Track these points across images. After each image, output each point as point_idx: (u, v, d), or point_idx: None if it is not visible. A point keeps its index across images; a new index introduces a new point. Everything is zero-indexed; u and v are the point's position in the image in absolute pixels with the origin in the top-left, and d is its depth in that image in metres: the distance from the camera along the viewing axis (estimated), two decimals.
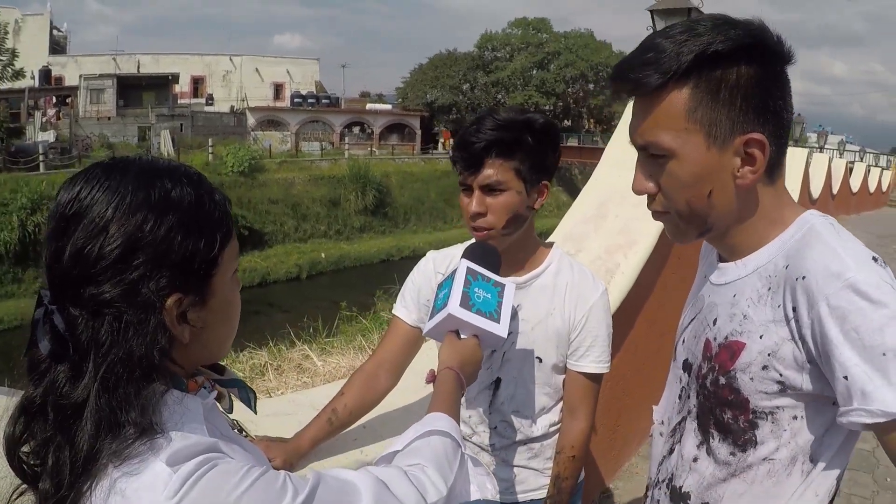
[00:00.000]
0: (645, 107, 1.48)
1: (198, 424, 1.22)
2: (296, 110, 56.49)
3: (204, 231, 1.19)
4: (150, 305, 1.14)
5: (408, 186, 47.85)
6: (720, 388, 1.56)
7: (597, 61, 64.74)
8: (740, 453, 1.55)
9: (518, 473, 2.47)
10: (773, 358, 1.45)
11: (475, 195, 2.21)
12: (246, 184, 39.89)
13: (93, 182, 1.16)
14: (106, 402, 1.11)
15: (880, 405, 1.27)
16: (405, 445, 1.53)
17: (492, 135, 2.16)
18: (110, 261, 1.12)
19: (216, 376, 1.42)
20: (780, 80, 1.45)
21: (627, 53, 1.55)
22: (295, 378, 5.10)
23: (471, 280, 1.94)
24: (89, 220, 1.13)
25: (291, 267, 37.94)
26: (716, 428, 1.60)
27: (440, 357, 1.90)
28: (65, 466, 1.12)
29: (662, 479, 1.81)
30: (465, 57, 68.06)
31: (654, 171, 1.52)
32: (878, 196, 28.33)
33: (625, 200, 4.53)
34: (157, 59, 62.13)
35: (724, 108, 1.41)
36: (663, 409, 1.87)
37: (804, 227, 1.49)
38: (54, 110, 46.26)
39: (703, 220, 1.53)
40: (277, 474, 1.19)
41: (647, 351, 5.01)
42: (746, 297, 1.53)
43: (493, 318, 1.91)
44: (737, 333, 1.53)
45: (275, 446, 2.30)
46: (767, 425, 1.50)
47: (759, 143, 1.43)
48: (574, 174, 58.49)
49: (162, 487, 1.07)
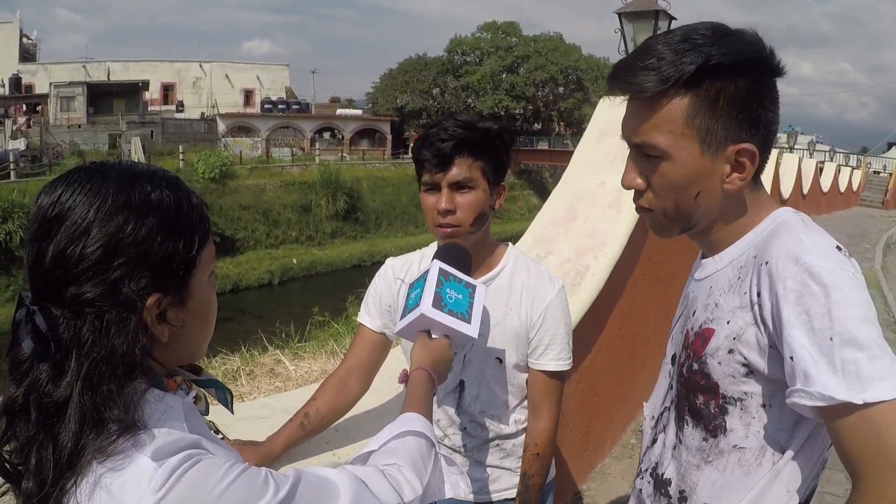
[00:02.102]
0: (643, 109, 1.53)
1: (179, 422, 1.23)
2: (266, 116, 56.29)
3: (183, 232, 1.21)
4: (130, 305, 1.16)
5: (379, 191, 47.82)
6: (693, 374, 1.61)
7: (566, 64, 65.05)
8: (711, 439, 1.59)
9: (491, 473, 2.49)
10: (737, 342, 1.50)
11: (444, 193, 2.23)
12: (217, 190, 39.68)
13: (74, 185, 1.18)
14: (89, 399, 1.12)
15: (820, 388, 1.29)
16: (381, 445, 1.56)
17: (461, 133, 2.20)
18: (92, 261, 1.14)
19: (193, 376, 1.44)
20: (772, 92, 1.51)
21: (596, 56, 1.58)
22: (267, 382, 5.10)
23: (443, 281, 1.96)
24: (71, 223, 1.15)
25: (263, 273, 37.76)
26: (690, 414, 1.65)
27: (412, 357, 1.93)
28: (48, 464, 1.13)
29: (646, 469, 1.84)
30: (435, 61, 68.16)
31: (645, 168, 1.58)
32: (849, 195, 28.62)
33: (594, 202, 4.56)
34: (126, 67, 61.61)
35: (722, 117, 1.46)
36: (653, 403, 1.91)
37: (776, 220, 1.55)
38: (24, 118, 45.94)
39: (688, 218, 1.59)
40: (259, 470, 1.21)
41: (619, 352, 5.05)
42: (720, 287, 1.59)
43: (464, 319, 1.94)
44: (709, 321, 1.59)
45: (247, 449, 2.31)
46: (736, 412, 1.54)
47: (750, 153, 1.49)
48: (544, 177, 58.76)
49: (147, 481, 1.09)
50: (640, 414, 5.76)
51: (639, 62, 1.48)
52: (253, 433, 2.51)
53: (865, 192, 34.03)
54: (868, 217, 25.76)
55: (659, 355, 1.91)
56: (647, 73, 1.46)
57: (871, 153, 52.05)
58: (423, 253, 2.55)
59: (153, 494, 1.08)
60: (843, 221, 23.05)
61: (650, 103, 1.50)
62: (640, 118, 1.54)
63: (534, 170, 61.45)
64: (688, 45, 1.44)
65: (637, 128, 1.55)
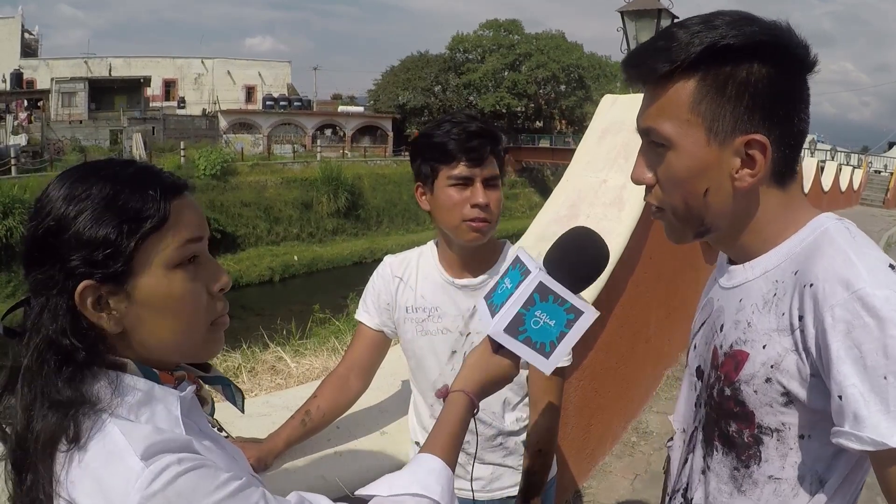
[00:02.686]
0: (652, 93, 1.45)
1: (170, 416, 1.26)
2: (268, 113, 56.19)
3: (113, 222, 1.22)
4: (62, 290, 1.21)
5: (380, 188, 47.84)
6: (725, 400, 1.49)
7: (568, 62, 64.94)
8: (744, 469, 1.48)
9: (493, 471, 2.50)
10: (776, 370, 1.37)
11: (479, 187, 2.25)
12: (218, 187, 39.72)
13: (57, 178, 1.29)
14: (32, 378, 1.20)
15: (871, 433, 1.18)
16: (390, 493, 1.43)
17: (489, 131, 2.27)
18: (36, 248, 1.23)
19: (200, 373, 1.45)
20: (796, 85, 1.39)
21: (598, 54, 1.55)
22: (269, 380, 5.09)
23: (536, 299, 1.55)
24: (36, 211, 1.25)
25: (264, 270, 37.81)
26: (720, 440, 1.54)
27: (464, 363, 1.69)
28: (14, 437, 1.22)
29: (678, 489, 1.73)
30: (437, 59, 68.06)
31: (653, 160, 1.48)
32: (850, 194, 28.57)
33: (596, 201, 4.56)
34: (128, 63, 61.54)
35: (730, 104, 1.36)
36: (682, 416, 1.80)
37: (817, 230, 1.41)
38: (26, 114, 45.84)
39: (700, 219, 1.47)
40: (256, 490, 1.21)
41: (620, 350, 5.05)
42: (752, 302, 1.46)
43: (542, 351, 1.58)
44: (741, 342, 1.46)
45: (249, 446, 2.32)
46: (773, 442, 1.42)
47: (761, 146, 1.36)
48: (546, 175, 58.71)
49: (134, 479, 1.09)
50: (642, 412, 5.77)
51: (653, 45, 1.42)
52: (255, 430, 2.52)
53: (866, 192, 33.93)
54: (869, 216, 25.68)
55: (660, 354, 1.91)
56: (656, 54, 1.39)
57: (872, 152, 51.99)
58: (422, 251, 2.56)
59: (138, 493, 1.08)
60: None
61: (658, 87, 1.42)
62: (648, 103, 1.46)
63: (535, 168, 61.41)
64: (703, 28, 1.36)
65: (646, 113, 1.46)
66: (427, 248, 2.55)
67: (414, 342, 2.48)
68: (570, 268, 1.58)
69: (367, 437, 2.78)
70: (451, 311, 2.43)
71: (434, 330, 2.44)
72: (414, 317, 2.47)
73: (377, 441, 2.77)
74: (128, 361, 1.27)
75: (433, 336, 2.45)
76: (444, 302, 2.44)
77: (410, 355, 2.54)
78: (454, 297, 2.43)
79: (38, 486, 1.16)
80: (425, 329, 2.45)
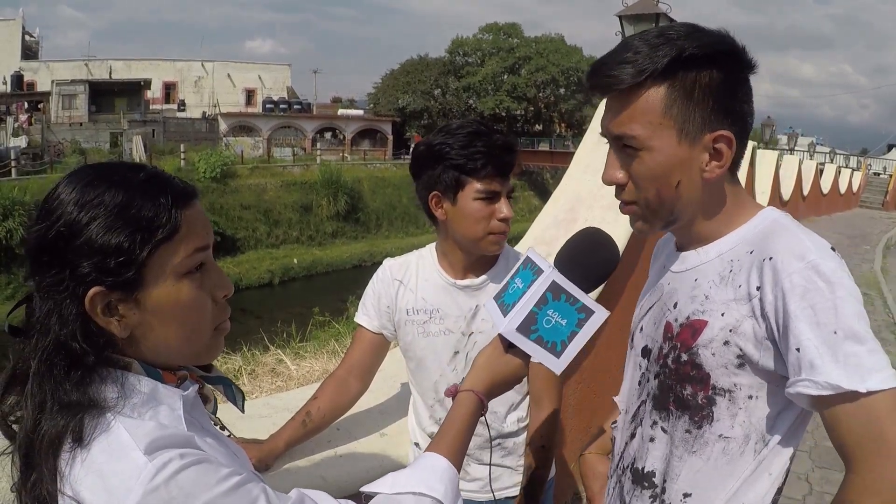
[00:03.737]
0: (620, 102, 1.56)
1: (173, 414, 1.28)
2: (267, 116, 56.28)
3: (125, 231, 1.22)
4: (73, 294, 1.22)
5: (380, 192, 47.84)
6: (682, 365, 1.63)
7: (567, 66, 64.96)
8: (696, 430, 1.62)
9: (492, 472, 2.51)
10: (733, 333, 1.53)
11: (504, 202, 2.33)
12: (218, 189, 39.72)
13: (66, 180, 1.28)
14: (41, 378, 1.22)
15: (825, 377, 1.35)
16: (393, 491, 1.43)
17: (513, 144, 2.33)
18: (46, 252, 1.23)
19: (202, 373, 1.47)
20: (745, 85, 1.57)
21: (598, 57, 1.62)
22: (269, 382, 5.11)
23: (549, 298, 1.56)
24: (49, 214, 1.24)
25: (264, 273, 37.84)
26: (674, 405, 1.66)
27: (474, 363, 1.68)
28: (23, 436, 1.23)
29: (627, 465, 1.84)
30: (437, 62, 68.06)
31: (624, 161, 1.60)
32: (849, 197, 28.60)
33: (595, 204, 4.57)
34: (129, 65, 61.61)
35: (698, 107, 1.51)
36: (626, 397, 1.92)
37: (766, 219, 1.61)
38: (26, 115, 45.88)
39: (670, 210, 1.61)
40: (256, 485, 1.22)
41: (618, 351, 5.04)
42: (708, 280, 1.62)
43: (553, 351, 1.60)
44: (699, 313, 1.61)
45: (250, 447, 2.33)
46: (724, 402, 1.58)
47: (727, 140, 1.53)
48: (545, 178, 58.67)
49: (137, 474, 1.11)
50: None
51: (615, 58, 1.54)
52: (255, 431, 2.54)
53: (865, 194, 34.00)
54: (868, 219, 25.74)
55: None
56: (623, 66, 1.51)
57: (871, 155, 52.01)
58: (421, 254, 2.58)
59: (141, 487, 1.10)
60: (844, 223, 23.03)
61: (627, 96, 1.54)
62: (618, 111, 1.57)
63: (535, 171, 61.34)
64: (662, 40, 1.50)
65: (616, 121, 1.58)
66: (426, 251, 2.57)
67: (415, 344, 2.50)
68: (582, 268, 1.62)
69: (366, 438, 2.79)
70: (453, 312, 2.45)
71: (436, 331, 2.46)
72: (415, 319, 2.49)
73: (376, 442, 2.79)
74: (133, 361, 1.29)
75: (435, 337, 2.46)
76: (445, 303, 2.46)
77: (411, 357, 2.55)
78: (456, 298, 2.45)
79: (42, 483, 1.19)
80: (427, 331, 2.47)
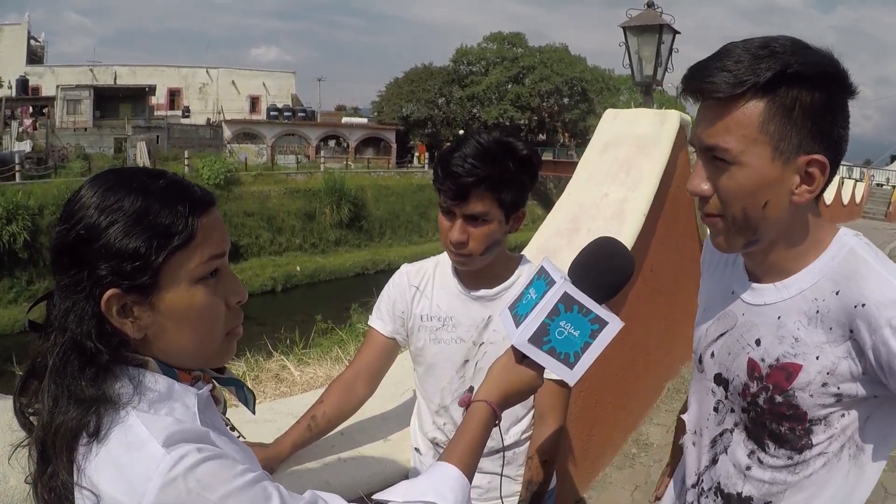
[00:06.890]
0: (716, 111, 1.52)
1: (188, 411, 1.32)
2: (272, 123, 56.15)
3: (143, 237, 1.26)
4: (89, 295, 1.26)
5: (383, 200, 47.78)
6: (776, 405, 1.64)
7: (571, 76, 64.81)
8: (797, 455, 1.66)
9: (491, 481, 2.50)
10: (831, 376, 1.55)
11: (458, 224, 2.23)
12: (221, 196, 39.63)
13: (89, 184, 1.32)
14: (57, 374, 1.26)
15: None
16: (405, 500, 1.47)
17: (481, 170, 2.16)
18: (66, 253, 1.27)
19: (214, 374, 1.51)
20: (845, 110, 1.52)
21: (601, 67, 1.60)
22: (273, 388, 5.13)
23: (561, 309, 1.55)
24: (71, 216, 1.28)
25: (267, 280, 37.82)
26: (770, 439, 1.69)
27: (488, 374, 1.68)
28: (41, 430, 1.28)
29: (709, 488, 1.86)
30: (441, 71, 67.92)
31: (712, 173, 1.57)
32: (852, 208, 28.50)
33: (598, 214, 4.59)
34: (133, 71, 61.64)
35: (796, 126, 1.47)
36: (695, 419, 1.93)
37: (843, 248, 1.58)
38: (31, 120, 45.85)
39: (754, 229, 1.58)
40: (270, 484, 1.26)
41: (621, 362, 5.07)
42: (794, 319, 1.61)
43: (566, 362, 1.58)
44: (790, 355, 1.61)
45: (255, 450, 2.33)
46: (821, 427, 1.61)
47: (821, 165, 1.50)
48: (549, 188, 58.55)
49: (155, 465, 1.15)
50: (642, 424, 5.78)
51: (716, 63, 1.50)
52: (260, 436, 2.55)
53: (868, 205, 33.80)
54: (871, 229, 25.59)
55: (660, 366, 1.95)
56: (723, 74, 1.47)
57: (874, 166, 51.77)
58: (438, 260, 2.58)
59: (160, 478, 1.14)
60: None
61: (724, 106, 1.50)
62: (712, 121, 1.53)
63: (538, 180, 61.03)
64: (767, 52, 1.46)
65: (710, 130, 1.54)
66: (443, 257, 2.55)
67: (426, 350, 2.51)
68: (596, 278, 1.61)
69: (370, 444, 2.82)
70: (465, 321, 2.45)
71: (448, 339, 2.47)
72: (428, 325, 2.50)
73: (380, 448, 2.81)
74: (149, 360, 1.32)
75: (446, 345, 2.47)
76: (459, 312, 2.46)
77: (420, 362, 2.56)
78: (469, 308, 2.45)
79: (58, 476, 1.22)
80: (438, 338, 2.48)
